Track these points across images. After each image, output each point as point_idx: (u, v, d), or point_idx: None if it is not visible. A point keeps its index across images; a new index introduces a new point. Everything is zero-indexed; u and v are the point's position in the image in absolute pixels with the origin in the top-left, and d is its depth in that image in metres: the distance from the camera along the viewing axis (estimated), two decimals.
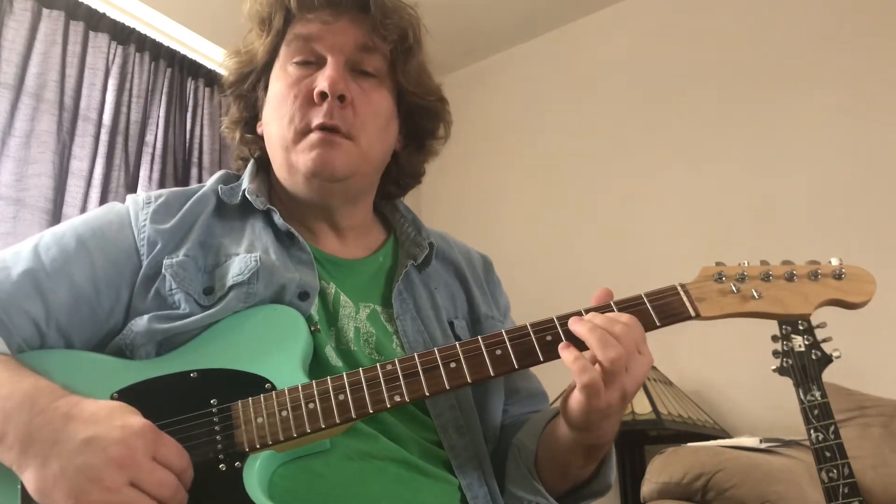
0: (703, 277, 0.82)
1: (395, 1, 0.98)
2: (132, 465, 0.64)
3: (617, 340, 0.73)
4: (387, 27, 0.94)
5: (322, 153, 0.91)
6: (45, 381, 0.72)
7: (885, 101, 2.28)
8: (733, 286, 0.80)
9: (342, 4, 0.94)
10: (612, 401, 0.74)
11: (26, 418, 0.66)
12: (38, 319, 0.81)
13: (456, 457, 0.87)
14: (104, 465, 0.63)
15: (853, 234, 2.21)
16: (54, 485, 0.63)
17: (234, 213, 0.95)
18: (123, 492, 0.63)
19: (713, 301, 0.80)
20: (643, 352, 0.76)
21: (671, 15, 2.82)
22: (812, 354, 1.39)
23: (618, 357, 0.72)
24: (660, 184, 2.69)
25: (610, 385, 0.73)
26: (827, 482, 1.31)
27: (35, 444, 0.65)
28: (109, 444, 0.64)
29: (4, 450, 0.66)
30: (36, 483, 0.64)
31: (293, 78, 0.94)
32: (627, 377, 0.74)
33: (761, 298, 0.80)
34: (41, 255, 0.84)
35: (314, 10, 0.94)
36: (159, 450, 0.67)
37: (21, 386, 0.70)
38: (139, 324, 0.82)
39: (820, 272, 0.81)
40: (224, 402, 0.75)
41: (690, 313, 0.79)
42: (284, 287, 0.85)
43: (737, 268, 0.82)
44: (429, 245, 1.00)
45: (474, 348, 0.77)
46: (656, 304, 0.80)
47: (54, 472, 0.64)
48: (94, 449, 0.64)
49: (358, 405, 0.75)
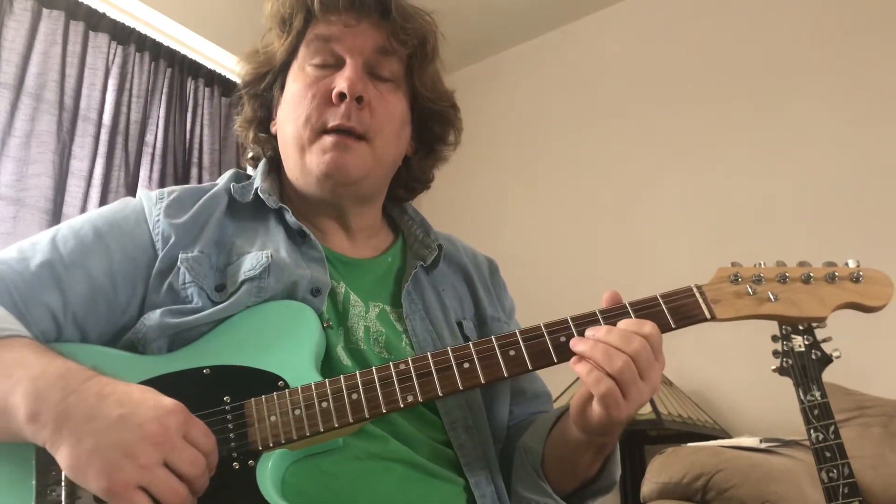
0: (718, 279, 0.81)
1: (415, 7, 0.99)
2: (166, 443, 0.65)
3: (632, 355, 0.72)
4: (406, 32, 0.96)
5: (336, 156, 0.92)
6: (74, 362, 0.72)
7: (885, 102, 2.29)
8: (749, 288, 0.79)
9: (363, 8, 0.95)
10: (632, 410, 0.74)
11: (59, 397, 0.67)
12: (55, 311, 0.81)
13: (464, 455, 0.88)
14: (138, 442, 0.64)
15: (853, 233, 2.22)
16: (88, 461, 0.64)
17: (246, 212, 0.96)
18: (156, 470, 0.64)
19: (728, 303, 0.79)
20: (660, 359, 0.76)
21: (671, 15, 2.83)
22: (812, 354, 1.39)
23: (624, 367, 0.72)
24: (660, 184, 2.69)
25: (627, 395, 0.73)
26: (827, 482, 1.31)
27: (69, 421, 0.65)
28: (144, 421, 0.65)
29: (38, 428, 0.67)
30: (70, 460, 0.64)
31: (311, 78, 0.95)
32: (645, 385, 0.74)
33: (777, 301, 0.79)
34: (59, 246, 0.85)
35: (336, 13, 0.95)
36: (190, 430, 0.68)
37: (53, 366, 0.70)
38: (151, 318, 0.82)
39: (837, 274, 0.79)
40: (237, 399, 0.75)
41: (706, 315, 0.78)
42: (296, 283, 0.86)
43: (753, 269, 0.81)
44: (437, 247, 1.02)
45: (488, 348, 0.77)
46: (672, 305, 0.79)
47: (88, 448, 0.64)
48: (129, 426, 0.65)
49: (371, 405, 0.75)
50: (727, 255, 2.47)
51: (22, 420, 0.67)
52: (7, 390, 0.69)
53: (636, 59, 2.88)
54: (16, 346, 0.73)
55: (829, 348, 1.39)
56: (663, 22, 2.84)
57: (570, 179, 2.95)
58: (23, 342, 0.74)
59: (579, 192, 2.91)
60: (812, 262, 0.85)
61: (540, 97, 3.13)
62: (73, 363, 0.72)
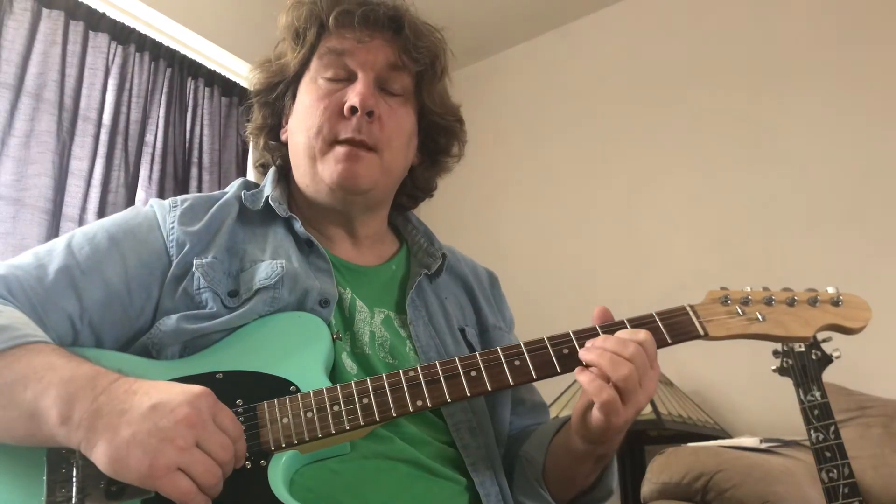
0: (709, 300, 0.86)
1: (427, 24, 1.02)
2: (199, 424, 0.66)
3: (631, 360, 0.76)
4: (418, 50, 0.99)
5: (348, 167, 0.94)
6: (101, 366, 0.73)
7: (885, 102, 2.29)
8: (739, 309, 0.85)
9: (377, 24, 0.98)
10: (630, 416, 0.77)
11: (90, 398, 0.68)
12: (73, 316, 0.83)
13: (469, 456, 0.89)
14: (174, 426, 0.65)
15: (853, 233, 2.22)
16: (128, 451, 0.64)
17: (255, 219, 0.98)
18: (193, 451, 0.65)
19: (720, 322, 0.84)
20: (654, 366, 0.79)
21: (671, 15, 2.83)
22: (812, 354, 1.39)
23: (630, 374, 0.75)
24: (660, 184, 2.70)
25: (627, 402, 0.76)
26: (827, 482, 1.31)
27: (102, 417, 0.67)
28: (176, 405, 0.67)
29: (72, 429, 0.67)
30: (109, 454, 0.65)
31: (323, 91, 0.98)
32: (642, 392, 0.77)
33: (765, 321, 0.84)
34: (75, 253, 0.86)
35: (350, 28, 0.97)
36: (218, 414, 0.69)
37: (81, 370, 0.71)
38: (167, 323, 0.83)
39: (819, 298, 0.85)
40: (249, 402, 0.76)
41: (700, 332, 0.83)
42: (307, 294, 0.88)
43: (741, 292, 0.87)
44: (441, 255, 1.04)
45: (494, 358, 0.80)
46: (667, 322, 0.83)
47: (126, 439, 0.65)
48: (163, 412, 0.66)
49: (381, 408, 0.77)
50: (727, 254, 2.48)
51: (54, 423, 0.68)
52: (38, 394, 0.69)
53: (636, 59, 2.88)
54: (44, 350, 0.74)
55: (829, 348, 1.39)
56: (663, 22, 2.84)
57: (570, 179, 2.95)
58: (50, 347, 0.75)
59: (579, 192, 2.91)
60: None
61: (540, 97, 3.13)
62: (100, 367, 0.73)
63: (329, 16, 0.97)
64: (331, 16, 0.97)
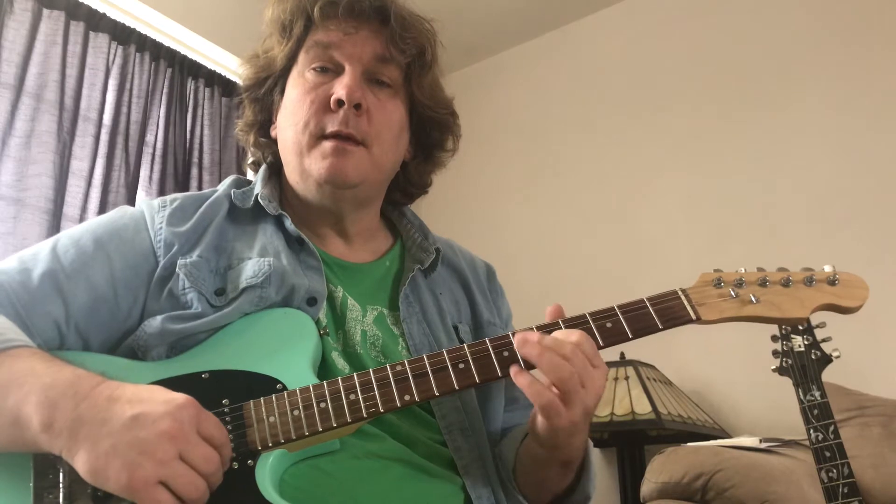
0: (702, 283, 0.84)
1: (415, 15, 1.00)
2: (181, 437, 0.65)
3: (567, 360, 0.74)
4: (405, 41, 0.97)
5: (335, 161, 0.93)
6: (82, 369, 0.72)
7: (886, 102, 2.28)
8: (732, 291, 0.82)
9: (363, 15, 0.96)
10: (575, 418, 0.75)
11: (72, 405, 0.67)
12: (58, 320, 0.82)
13: (461, 458, 0.88)
14: (155, 439, 0.64)
15: (852, 234, 2.22)
16: (107, 463, 0.64)
17: (246, 217, 0.96)
18: (174, 464, 0.64)
19: (713, 305, 0.82)
20: (597, 364, 0.76)
21: (671, 15, 2.82)
22: (812, 354, 1.39)
23: (569, 377, 0.73)
24: (660, 184, 2.69)
25: (569, 404, 0.74)
26: (827, 482, 1.31)
27: (83, 426, 0.66)
28: (157, 417, 0.66)
29: (53, 436, 0.67)
30: (89, 464, 0.65)
31: (310, 84, 0.96)
32: (585, 393, 0.74)
33: (759, 303, 0.81)
34: (60, 256, 0.85)
35: (336, 20, 0.96)
36: (202, 423, 0.68)
37: (62, 375, 0.70)
38: (152, 325, 0.83)
39: (815, 278, 0.83)
40: (236, 402, 0.76)
41: (692, 316, 0.81)
42: (294, 292, 0.87)
43: (734, 274, 0.84)
44: (435, 250, 1.02)
45: (482, 349, 0.79)
46: (658, 307, 0.81)
47: (106, 450, 0.64)
48: (144, 423, 0.65)
49: (369, 404, 0.76)
50: (727, 254, 2.48)
51: (36, 430, 0.67)
52: (20, 400, 0.69)
53: (636, 59, 2.88)
54: (24, 355, 0.73)
55: (828, 348, 1.39)
56: (663, 22, 2.84)
57: (570, 179, 2.95)
58: (30, 351, 0.74)
59: (578, 192, 2.91)
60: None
61: (539, 97, 3.13)
62: (82, 370, 0.72)
63: (314, 7, 0.96)
64: (315, 7, 0.96)
